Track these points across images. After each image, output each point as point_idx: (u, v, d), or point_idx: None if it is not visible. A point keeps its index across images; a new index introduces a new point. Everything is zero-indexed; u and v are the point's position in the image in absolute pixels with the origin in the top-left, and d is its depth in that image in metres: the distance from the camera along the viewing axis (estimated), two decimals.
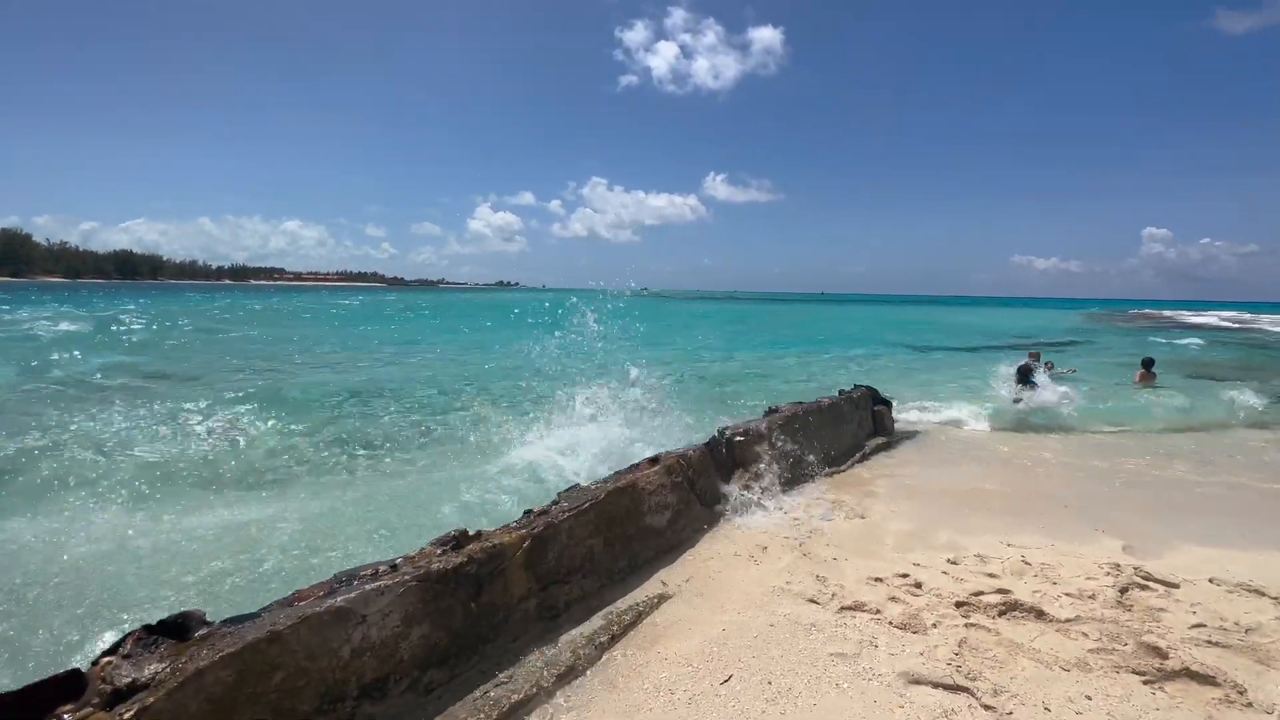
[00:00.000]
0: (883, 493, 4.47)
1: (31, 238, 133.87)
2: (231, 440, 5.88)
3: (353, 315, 30.47)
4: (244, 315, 26.90)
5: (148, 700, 1.50)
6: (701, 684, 2.18)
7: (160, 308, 29.07)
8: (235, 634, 1.72)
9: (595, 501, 2.89)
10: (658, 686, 2.17)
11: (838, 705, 2.03)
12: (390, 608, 2.02)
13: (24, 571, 3.19)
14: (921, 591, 2.81)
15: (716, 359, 14.59)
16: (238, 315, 26.55)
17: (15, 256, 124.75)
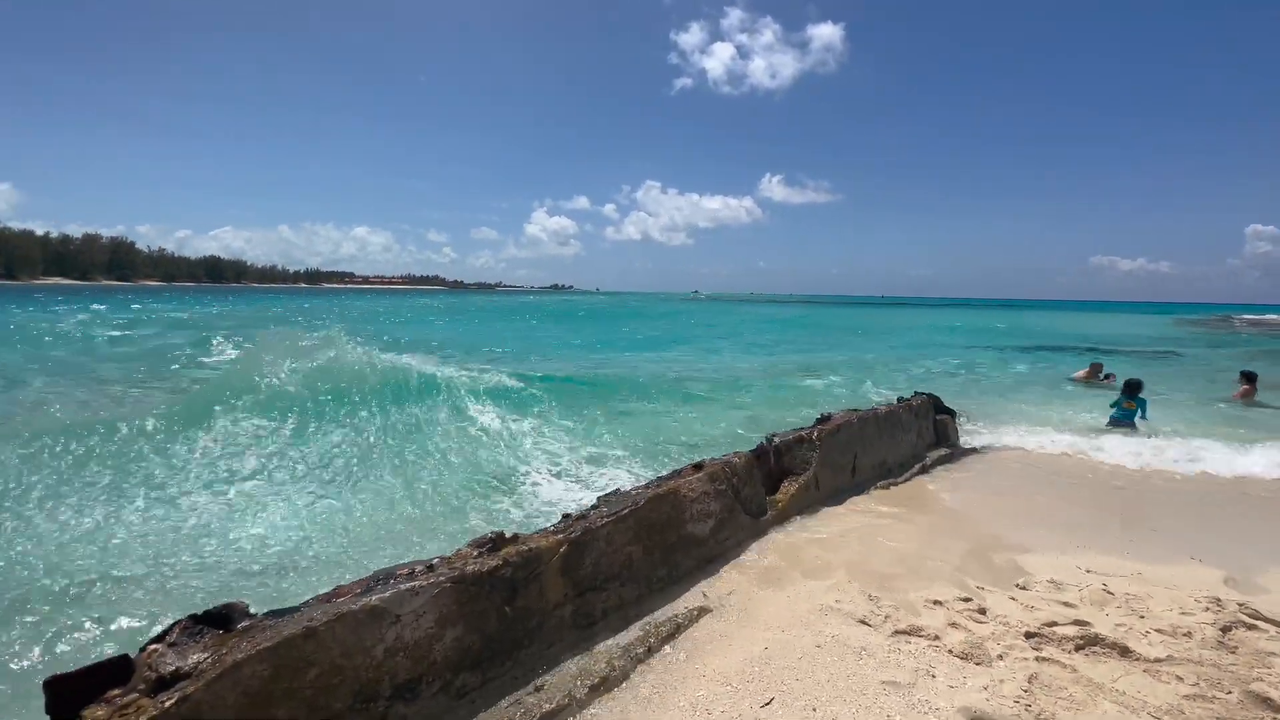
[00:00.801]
0: (944, 507, 4.20)
1: (135, 245, 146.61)
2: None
3: (482, 316, 32.59)
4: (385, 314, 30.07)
5: (188, 690, 1.54)
6: (741, 705, 2.06)
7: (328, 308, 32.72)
8: (273, 628, 1.75)
9: (635, 508, 2.81)
10: (694, 705, 2.07)
11: None
12: (425, 608, 2.01)
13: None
14: (986, 618, 2.58)
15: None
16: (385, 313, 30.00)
17: (121, 263, 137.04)
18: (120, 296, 49.06)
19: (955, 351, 18.00)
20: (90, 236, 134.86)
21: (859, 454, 4.69)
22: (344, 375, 6.66)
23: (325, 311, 35.27)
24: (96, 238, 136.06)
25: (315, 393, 6.22)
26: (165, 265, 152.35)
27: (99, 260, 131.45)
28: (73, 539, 3.63)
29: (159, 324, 21.16)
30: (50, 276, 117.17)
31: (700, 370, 12.23)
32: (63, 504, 4.05)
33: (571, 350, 13.79)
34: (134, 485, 4.43)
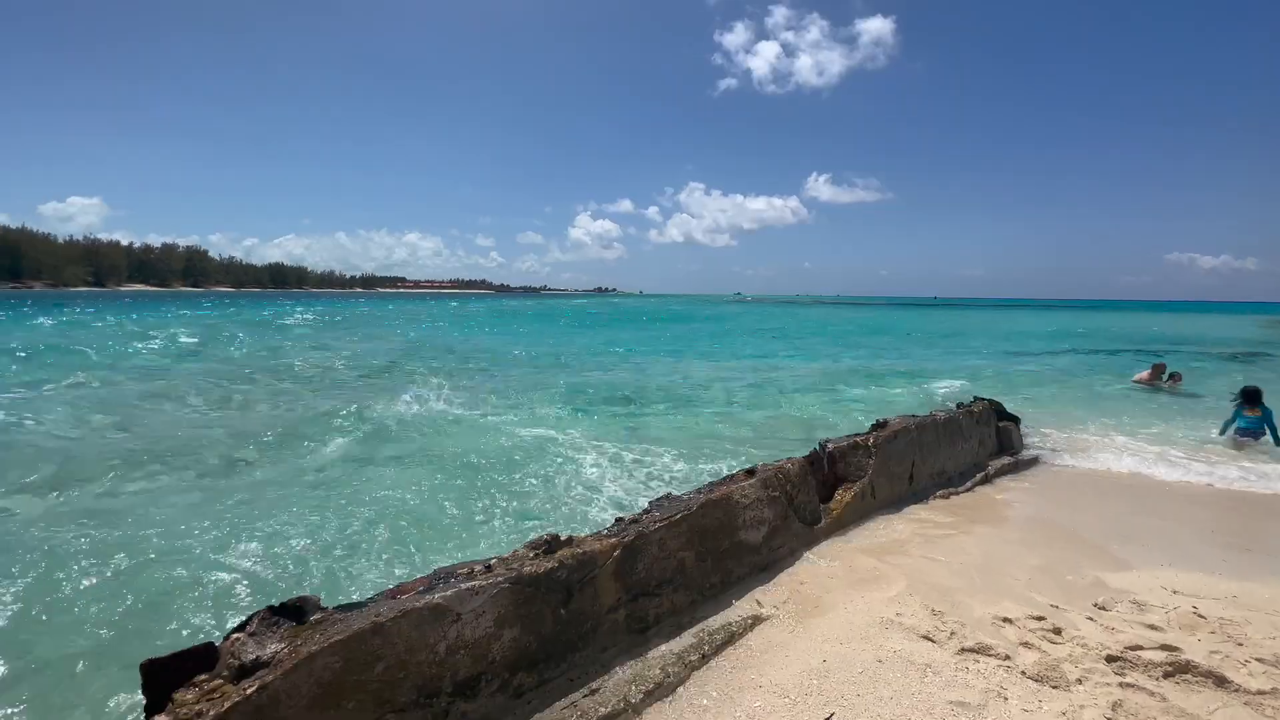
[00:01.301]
0: (1010, 519, 3.99)
1: (207, 253, 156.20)
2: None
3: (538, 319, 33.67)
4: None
5: (267, 678, 1.61)
6: (796, 712, 2.01)
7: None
8: (344, 622, 1.81)
9: (688, 513, 2.79)
10: (751, 716, 2.03)
11: None
12: (484, 608, 2.05)
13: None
14: (1061, 639, 2.44)
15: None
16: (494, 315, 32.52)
17: (195, 270, 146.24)
18: (223, 300, 53.33)
19: (1057, 359, 16.44)
20: (169, 246, 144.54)
21: (917, 461, 4.52)
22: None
23: (405, 316, 36.92)
24: (174, 247, 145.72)
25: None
26: (234, 272, 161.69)
27: (176, 267, 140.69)
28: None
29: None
30: (133, 283, 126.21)
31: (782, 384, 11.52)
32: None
33: (660, 372, 12.92)
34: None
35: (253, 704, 1.56)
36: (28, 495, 4.66)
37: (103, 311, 32.04)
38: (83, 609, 3.04)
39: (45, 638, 2.81)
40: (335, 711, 1.70)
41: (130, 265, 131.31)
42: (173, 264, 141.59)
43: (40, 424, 6.91)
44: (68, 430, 6.70)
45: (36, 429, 6.71)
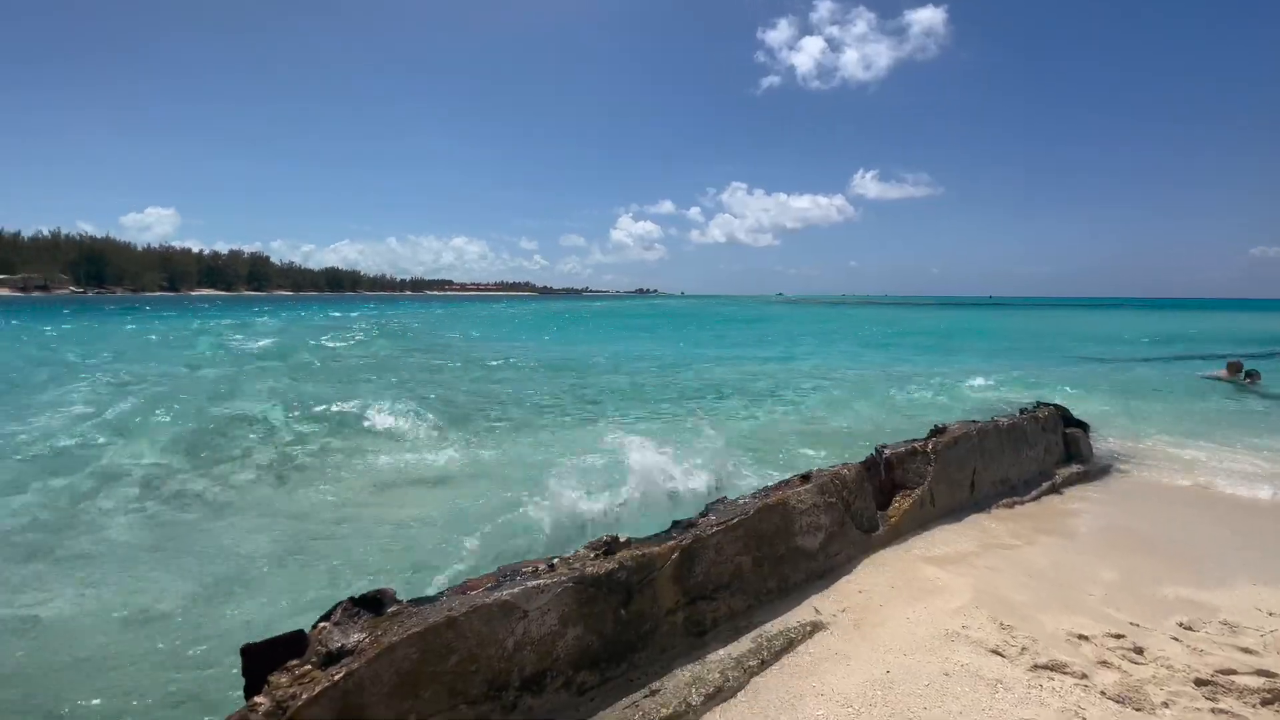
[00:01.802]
0: (1083, 531, 3.81)
1: (270, 259, 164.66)
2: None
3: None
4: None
5: (353, 666, 1.70)
6: None
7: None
8: (419, 615, 1.89)
9: (745, 517, 2.78)
10: (824, 716, 2.02)
11: None
12: (549, 606, 2.10)
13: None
14: (1144, 659, 2.32)
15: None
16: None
17: (258, 275, 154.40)
18: (300, 303, 56.83)
19: (1169, 366, 14.57)
20: (234, 252, 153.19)
21: (978, 469, 4.36)
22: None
23: (474, 318, 38.22)
24: (239, 253, 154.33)
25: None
26: (293, 276, 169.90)
27: (241, 272, 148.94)
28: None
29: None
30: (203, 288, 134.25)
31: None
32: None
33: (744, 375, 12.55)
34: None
35: (340, 689, 1.66)
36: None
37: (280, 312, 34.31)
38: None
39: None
40: (414, 700, 1.78)
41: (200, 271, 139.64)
42: (238, 269, 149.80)
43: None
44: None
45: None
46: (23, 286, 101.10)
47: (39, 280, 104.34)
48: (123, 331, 21.03)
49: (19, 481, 4.84)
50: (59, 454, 5.71)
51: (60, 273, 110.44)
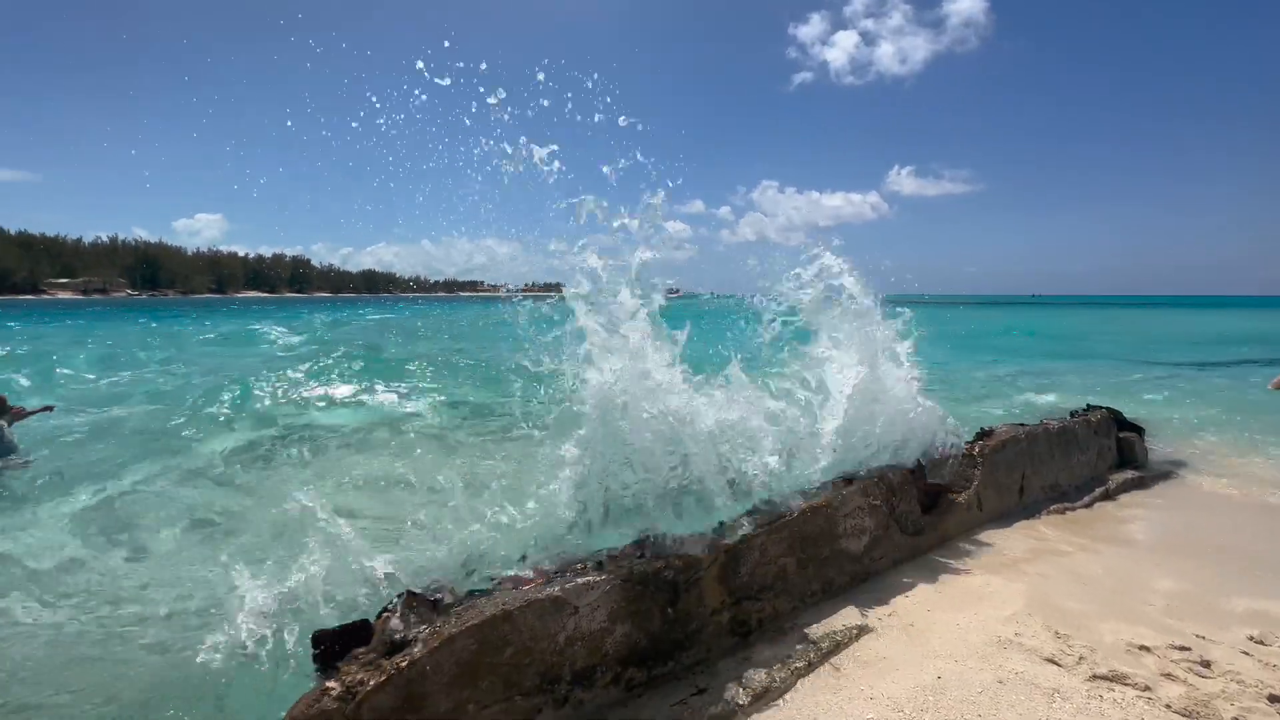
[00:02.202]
0: (1139, 538, 3.67)
1: (310, 262, 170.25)
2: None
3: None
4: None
5: (415, 655, 1.77)
6: None
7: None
8: (476, 609, 1.95)
9: (789, 519, 2.78)
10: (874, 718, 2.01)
11: None
12: (599, 602, 2.14)
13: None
14: (1212, 673, 2.23)
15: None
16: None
17: (300, 277, 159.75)
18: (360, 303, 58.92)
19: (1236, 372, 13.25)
20: (278, 255, 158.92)
21: (1028, 473, 4.24)
22: None
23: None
24: (282, 256, 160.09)
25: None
26: (333, 278, 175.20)
27: (284, 275, 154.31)
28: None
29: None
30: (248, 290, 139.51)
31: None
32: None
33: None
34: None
35: (404, 677, 1.73)
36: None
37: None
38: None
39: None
40: (471, 690, 1.84)
41: (246, 274, 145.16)
42: (281, 272, 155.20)
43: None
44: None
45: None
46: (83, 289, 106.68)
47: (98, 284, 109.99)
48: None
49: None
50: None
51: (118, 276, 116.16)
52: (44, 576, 3.46)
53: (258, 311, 40.68)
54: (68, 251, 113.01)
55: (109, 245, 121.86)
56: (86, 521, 4.29)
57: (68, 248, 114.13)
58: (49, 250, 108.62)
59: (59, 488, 5.00)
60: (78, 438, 6.79)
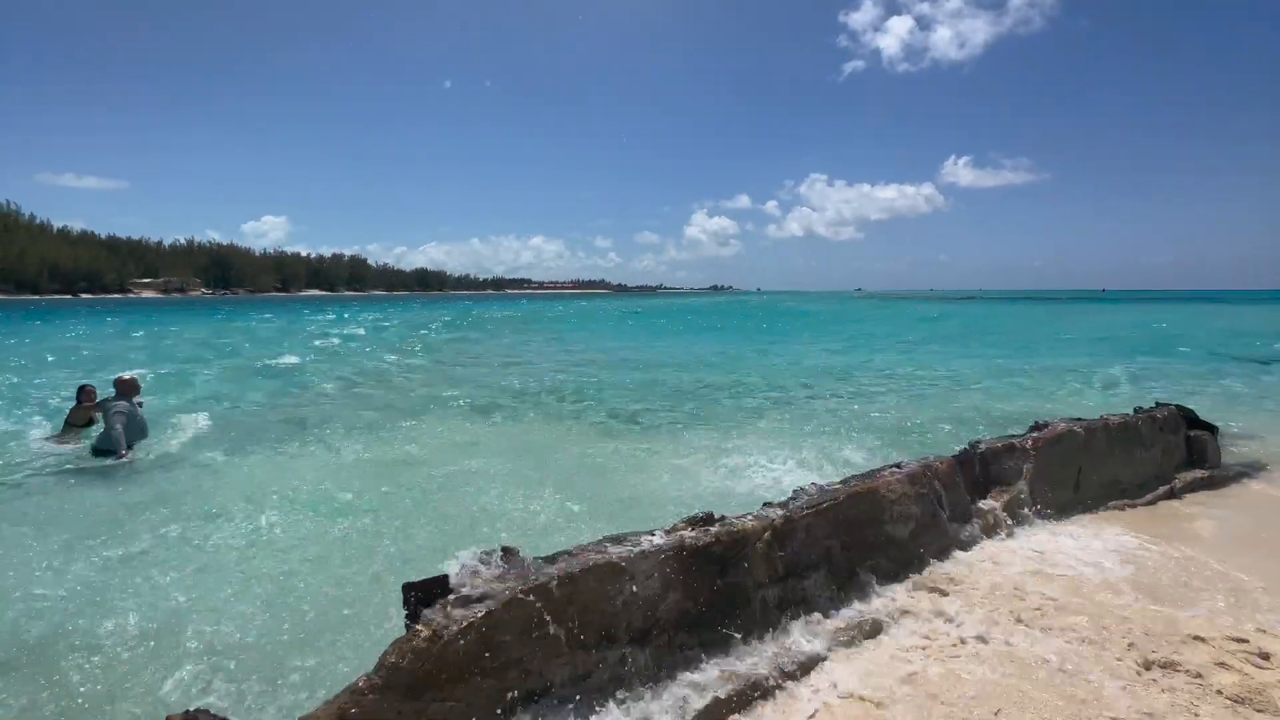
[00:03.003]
0: (1203, 536, 3.57)
1: (367, 261, 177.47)
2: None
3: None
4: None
5: (491, 608, 1.97)
6: (960, 711, 2.04)
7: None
8: (542, 570, 2.14)
9: (835, 503, 2.87)
10: (911, 700, 2.09)
11: None
12: (653, 570, 2.30)
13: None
14: (1270, 664, 2.20)
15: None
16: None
17: (357, 276, 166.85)
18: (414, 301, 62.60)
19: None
20: (337, 255, 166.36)
21: (1084, 468, 4.16)
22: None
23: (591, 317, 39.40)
24: (341, 256, 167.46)
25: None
26: (387, 277, 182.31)
27: (342, 274, 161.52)
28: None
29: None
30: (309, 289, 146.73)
31: None
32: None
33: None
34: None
35: (482, 625, 1.93)
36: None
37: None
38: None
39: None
40: (539, 643, 2.03)
41: (308, 273, 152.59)
42: (340, 271, 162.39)
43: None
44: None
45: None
46: (164, 289, 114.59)
47: (177, 283, 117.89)
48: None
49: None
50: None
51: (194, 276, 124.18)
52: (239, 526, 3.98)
53: (381, 306, 42.17)
54: (150, 254, 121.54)
55: (186, 247, 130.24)
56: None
57: (150, 250, 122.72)
58: (134, 252, 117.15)
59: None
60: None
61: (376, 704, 1.76)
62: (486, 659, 1.93)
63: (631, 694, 2.12)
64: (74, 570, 3.37)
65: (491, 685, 1.93)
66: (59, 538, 3.79)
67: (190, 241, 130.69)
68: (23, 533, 3.91)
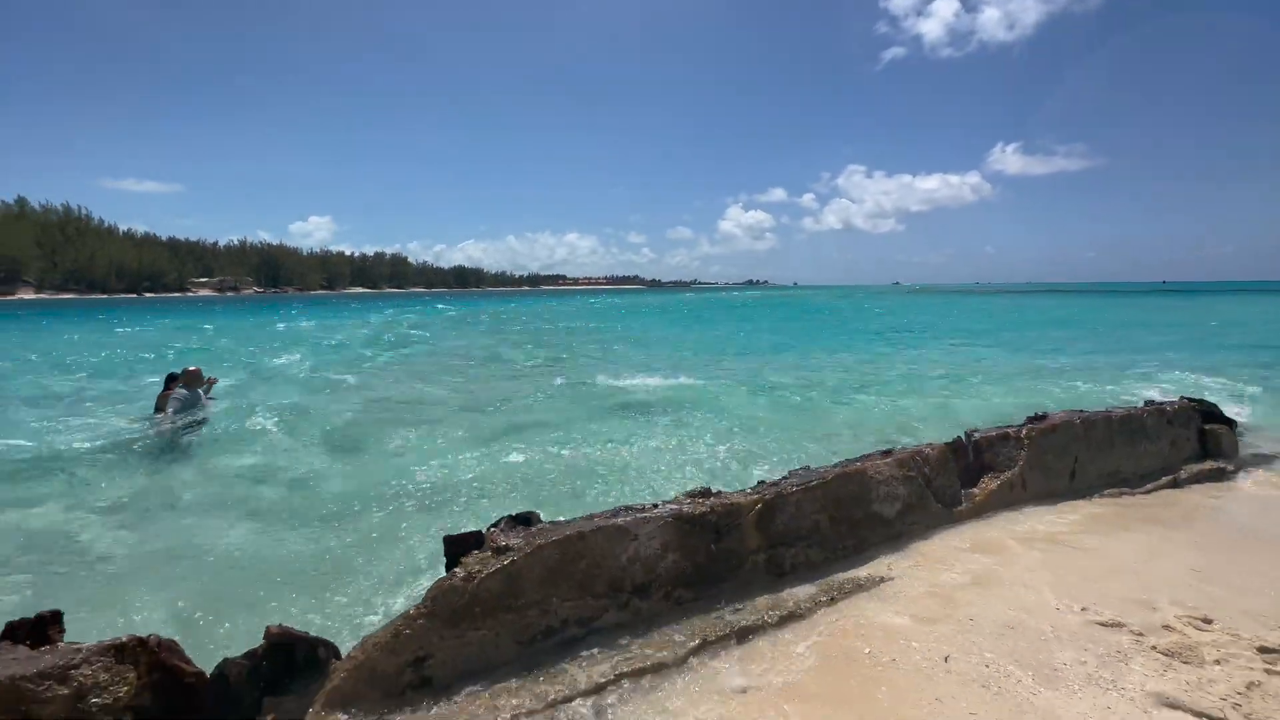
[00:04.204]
0: (1195, 523, 3.72)
1: (407, 259, 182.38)
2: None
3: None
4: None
5: (515, 558, 2.37)
6: (915, 658, 2.34)
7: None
8: (557, 530, 2.54)
9: (824, 481, 3.18)
10: (872, 649, 2.41)
11: (1067, 707, 2.01)
12: (654, 533, 2.67)
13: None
14: (1210, 628, 2.43)
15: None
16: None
17: (398, 274, 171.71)
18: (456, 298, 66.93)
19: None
20: (379, 254, 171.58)
21: (1081, 458, 4.33)
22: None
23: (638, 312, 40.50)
24: (383, 255, 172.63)
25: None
26: (427, 274, 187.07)
27: (384, 273, 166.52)
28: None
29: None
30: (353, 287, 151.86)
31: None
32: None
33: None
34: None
35: (507, 571, 2.34)
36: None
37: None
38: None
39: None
40: (555, 587, 2.43)
41: (352, 272, 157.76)
42: (382, 269, 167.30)
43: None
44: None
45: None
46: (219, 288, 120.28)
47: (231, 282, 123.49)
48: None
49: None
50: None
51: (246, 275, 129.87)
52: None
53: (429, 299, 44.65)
54: (206, 254, 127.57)
55: (239, 248, 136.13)
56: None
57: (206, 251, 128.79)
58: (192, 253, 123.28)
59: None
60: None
61: (423, 629, 2.19)
62: (510, 598, 2.34)
63: (632, 635, 2.50)
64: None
65: (514, 620, 2.34)
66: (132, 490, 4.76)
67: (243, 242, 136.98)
68: (102, 488, 4.90)
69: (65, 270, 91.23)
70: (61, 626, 1.97)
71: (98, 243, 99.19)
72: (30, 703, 1.68)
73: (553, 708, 2.09)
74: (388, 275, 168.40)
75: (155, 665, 1.86)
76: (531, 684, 2.21)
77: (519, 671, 2.27)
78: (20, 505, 4.57)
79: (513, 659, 2.32)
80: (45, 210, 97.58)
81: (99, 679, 1.79)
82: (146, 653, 1.86)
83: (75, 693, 1.74)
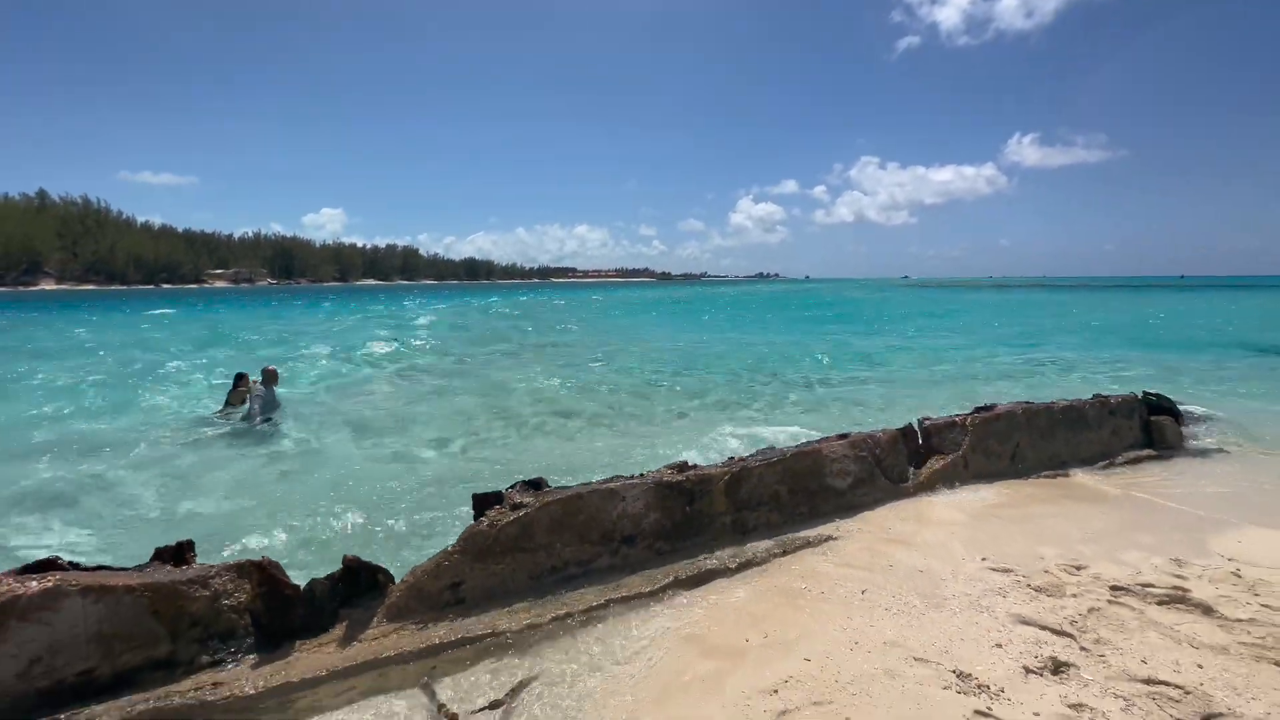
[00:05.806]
0: (1111, 498, 4.31)
1: (418, 251, 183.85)
2: None
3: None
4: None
5: (528, 512, 3.03)
6: (840, 589, 2.98)
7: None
8: (560, 492, 3.19)
9: (783, 458, 3.82)
10: (807, 580, 3.05)
11: (945, 622, 2.64)
12: (638, 496, 3.32)
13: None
14: (1079, 573, 3.05)
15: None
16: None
17: (409, 266, 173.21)
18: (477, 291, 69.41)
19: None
20: (390, 246, 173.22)
21: (1022, 444, 4.92)
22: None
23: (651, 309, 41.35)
24: (394, 247, 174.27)
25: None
26: (437, 266, 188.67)
27: (395, 264, 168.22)
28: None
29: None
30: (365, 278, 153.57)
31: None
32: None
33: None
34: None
35: (522, 522, 3.00)
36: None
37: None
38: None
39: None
40: (559, 536, 3.09)
41: (364, 263, 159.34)
42: (393, 261, 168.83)
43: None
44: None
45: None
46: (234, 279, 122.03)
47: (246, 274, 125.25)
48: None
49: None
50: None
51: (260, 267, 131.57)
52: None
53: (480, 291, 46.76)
54: (221, 246, 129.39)
55: (253, 240, 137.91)
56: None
57: (221, 242, 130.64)
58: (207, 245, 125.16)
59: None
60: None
61: (458, 561, 2.85)
62: (524, 542, 3.00)
63: (620, 575, 3.16)
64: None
65: (527, 559, 3.00)
66: (224, 466, 5.44)
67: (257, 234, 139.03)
68: (200, 465, 5.58)
69: (86, 261, 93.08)
70: (194, 552, 2.66)
71: (117, 234, 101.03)
72: (184, 599, 2.36)
73: (555, 621, 2.75)
74: (399, 267, 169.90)
75: (265, 580, 2.54)
76: (539, 606, 2.87)
77: (530, 598, 2.93)
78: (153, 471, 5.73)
79: (525, 589, 2.99)
80: (65, 203, 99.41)
81: (227, 588, 2.48)
82: (259, 571, 2.54)
83: (213, 594, 2.43)
